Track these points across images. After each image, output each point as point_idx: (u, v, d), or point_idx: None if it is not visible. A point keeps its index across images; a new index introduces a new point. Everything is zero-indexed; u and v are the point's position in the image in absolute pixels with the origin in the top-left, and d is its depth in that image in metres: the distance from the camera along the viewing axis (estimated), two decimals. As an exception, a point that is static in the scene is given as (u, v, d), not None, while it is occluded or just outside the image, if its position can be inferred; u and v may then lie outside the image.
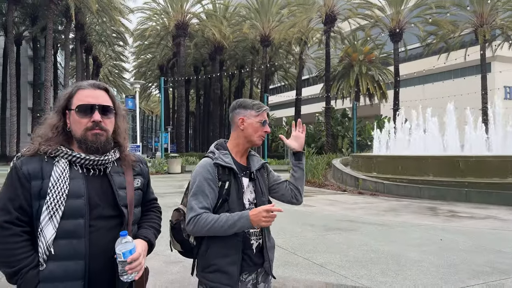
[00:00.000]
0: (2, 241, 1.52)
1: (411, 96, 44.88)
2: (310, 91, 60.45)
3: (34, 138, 1.67)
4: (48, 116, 1.71)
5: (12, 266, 1.51)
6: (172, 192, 13.85)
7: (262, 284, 2.10)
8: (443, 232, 7.31)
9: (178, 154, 32.09)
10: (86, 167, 1.63)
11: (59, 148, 1.61)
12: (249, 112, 2.10)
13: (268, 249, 2.09)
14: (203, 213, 1.91)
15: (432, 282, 4.53)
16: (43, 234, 1.51)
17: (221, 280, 1.94)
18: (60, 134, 1.65)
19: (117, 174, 1.70)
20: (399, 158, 15.44)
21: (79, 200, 1.56)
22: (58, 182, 1.54)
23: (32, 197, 1.55)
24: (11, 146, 38.39)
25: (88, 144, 1.62)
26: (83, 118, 1.63)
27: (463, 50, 40.19)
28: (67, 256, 1.52)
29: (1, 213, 1.53)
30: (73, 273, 1.53)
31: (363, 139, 38.93)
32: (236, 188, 2.02)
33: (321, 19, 38.16)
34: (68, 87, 1.73)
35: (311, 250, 5.94)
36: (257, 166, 2.15)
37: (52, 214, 1.51)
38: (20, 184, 1.55)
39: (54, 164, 1.58)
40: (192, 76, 54.48)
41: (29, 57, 55.31)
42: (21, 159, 1.60)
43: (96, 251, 1.57)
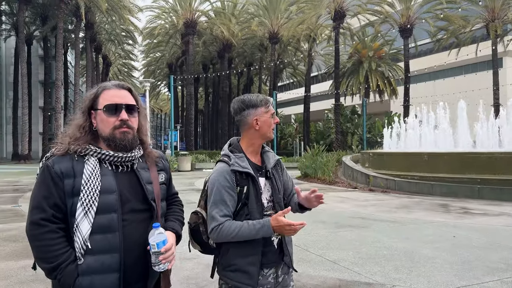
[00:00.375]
0: (39, 238, 1.57)
1: (422, 93, 44.49)
2: (319, 88, 60.21)
3: (62, 138, 1.72)
4: (74, 116, 1.77)
5: (50, 261, 1.56)
6: (184, 189, 13.92)
7: (283, 276, 2.12)
8: (456, 229, 7.27)
9: (187, 152, 32.24)
10: (114, 164, 1.69)
11: (88, 146, 1.67)
12: (260, 110, 2.08)
13: (287, 243, 2.12)
14: (225, 222, 1.94)
15: (446, 279, 4.51)
16: (79, 229, 1.56)
17: (242, 279, 1.97)
18: (88, 133, 1.70)
19: (143, 170, 1.76)
20: (410, 155, 15.35)
21: (112, 195, 1.62)
22: (91, 179, 1.59)
23: (65, 195, 1.59)
24: (23, 145, 38.86)
25: (117, 142, 1.68)
26: (111, 117, 1.69)
27: (474, 46, 39.73)
28: (103, 250, 1.58)
29: (37, 211, 1.58)
30: (109, 266, 1.59)
31: (373, 136, 38.75)
32: (255, 191, 2.03)
33: (330, 16, 37.96)
34: (92, 88, 1.78)
35: (323, 247, 5.95)
36: (272, 163, 2.14)
37: (87, 210, 1.56)
38: (53, 183, 1.59)
39: (85, 162, 1.63)
40: (201, 74, 54.57)
41: (40, 56, 55.85)
42: (52, 159, 1.64)
43: (130, 244, 1.63)
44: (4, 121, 53.61)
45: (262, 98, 2.12)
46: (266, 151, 2.19)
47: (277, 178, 2.15)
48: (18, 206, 10.03)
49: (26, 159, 38.48)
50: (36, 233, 1.58)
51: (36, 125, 55.57)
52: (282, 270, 2.11)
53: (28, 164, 36.90)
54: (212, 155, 33.54)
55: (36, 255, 1.61)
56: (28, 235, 1.60)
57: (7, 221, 8.03)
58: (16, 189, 14.18)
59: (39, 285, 4.29)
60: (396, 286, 4.29)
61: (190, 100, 43.76)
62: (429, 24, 36.46)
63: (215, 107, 60.04)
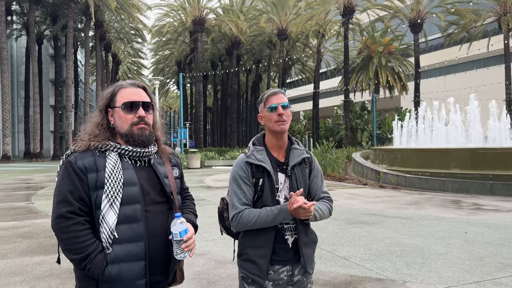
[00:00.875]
0: (68, 230, 1.63)
1: (432, 88, 44.12)
2: (328, 84, 59.99)
3: (81, 136, 1.80)
4: (92, 115, 1.85)
5: (80, 252, 1.62)
6: (194, 186, 14.01)
7: (299, 277, 2.08)
8: (468, 225, 7.22)
9: (197, 150, 32.35)
10: (133, 159, 1.78)
11: (108, 142, 1.75)
12: (261, 106, 2.13)
13: (303, 245, 2.06)
14: (245, 210, 1.98)
15: (458, 275, 4.49)
16: (105, 220, 1.64)
17: (251, 269, 2.01)
18: (106, 130, 1.79)
19: (159, 165, 1.86)
20: (421, 151, 15.24)
21: (134, 187, 1.71)
22: (113, 173, 1.68)
23: (89, 189, 1.67)
24: (34, 143, 39.32)
25: (135, 137, 1.76)
26: (129, 114, 1.77)
27: (486, 40, 39.23)
28: (129, 239, 1.67)
29: (63, 204, 1.64)
30: (136, 254, 1.68)
31: (383, 132, 38.50)
32: (270, 185, 2.02)
33: (339, 11, 37.77)
34: (108, 87, 1.87)
35: (334, 243, 5.95)
36: (296, 160, 2.09)
37: (112, 201, 1.65)
38: (77, 177, 1.66)
39: (107, 157, 1.72)
40: (210, 72, 54.70)
41: (50, 55, 56.46)
42: (74, 155, 1.72)
43: (153, 233, 1.72)
44: (16, 120, 54.30)
45: (263, 94, 2.15)
46: (295, 147, 2.14)
47: (299, 176, 2.09)
48: (31, 204, 10.18)
49: (38, 157, 38.94)
50: (63, 225, 1.63)
51: (48, 124, 56.25)
52: (299, 270, 2.08)
53: (40, 162, 37.36)
54: (221, 152, 33.61)
55: (65, 247, 1.65)
56: (55, 228, 1.65)
57: (21, 218, 8.15)
58: (28, 187, 14.38)
59: (54, 280, 4.36)
60: (407, 282, 4.28)
61: (199, 98, 43.88)
62: (439, 18, 36.07)
63: (224, 104, 60.15)
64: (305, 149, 2.18)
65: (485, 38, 39.31)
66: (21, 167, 28.87)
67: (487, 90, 37.95)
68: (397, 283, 4.27)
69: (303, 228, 2.08)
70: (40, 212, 8.87)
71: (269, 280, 2.01)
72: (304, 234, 2.08)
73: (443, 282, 4.28)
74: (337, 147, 29.50)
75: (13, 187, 14.49)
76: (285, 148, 2.14)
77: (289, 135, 2.18)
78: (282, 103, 2.07)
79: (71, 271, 4.61)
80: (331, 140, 36.65)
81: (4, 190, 13.50)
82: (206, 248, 5.46)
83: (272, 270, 2.02)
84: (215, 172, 21.61)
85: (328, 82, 61.25)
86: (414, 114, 20.21)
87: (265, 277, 1.99)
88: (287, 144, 2.14)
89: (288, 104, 2.10)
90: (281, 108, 2.06)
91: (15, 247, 5.83)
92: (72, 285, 4.20)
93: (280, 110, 2.05)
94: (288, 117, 2.09)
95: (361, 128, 39.67)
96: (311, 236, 2.14)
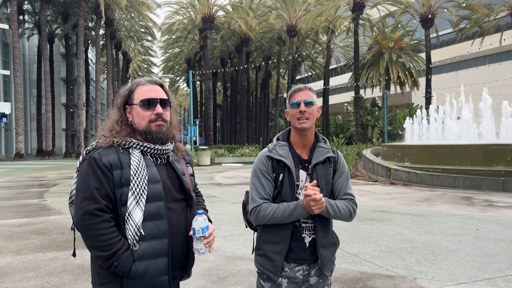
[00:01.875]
0: (95, 228, 1.62)
1: (444, 84, 43.64)
2: (338, 80, 59.66)
3: (102, 132, 1.80)
4: (110, 112, 1.87)
5: (107, 249, 1.62)
6: (204, 183, 14.07)
7: (316, 278, 2.05)
8: (480, 222, 7.15)
9: (207, 147, 32.46)
10: (154, 156, 1.80)
11: (131, 139, 1.76)
12: (287, 103, 2.11)
13: (321, 246, 2.02)
14: (263, 204, 1.97)
15: (469, 272, 4.46)
16: (131, 217, 1.65)
17: (266, 265, 2.00)
18: (126, 127, 1.80)
19: (176, 162, 1.89)
20: (432, 147, 15.10)
21: (158, 184, 1.73)
22: (138, 170, 1.69)
23: (114, 186, 1.68)
24: (47, 141, 39.82)
25: (153, 134, 1.77)
26: (147, 111, 1.78)
27: (498, 34, 38.64)
28: (154, 236, 1.69)
29: (90, 201, 1.64)
30: (161, 250, 1.71)
31: (393, 128, 38.21)
32: (290, 181, 1.99)
33: (349, 7, 37.50)
34: (126, 84, 1.89)
35: (344, 240, 5.94)
36: (320, 159, 2.03)
37: (138, 198, 1.66)
38: (103, 174, 1.66)
39: (130, 154, 1.73)
40: (219, 69, 54.73)
41: (62, 54, 57.01)
42: (98, 151, 1.71)
43: (175, 230, 1.76)
44: (28, 118, 54.99)
45: (292, 89, 2.12)
46: (320, 146, 2.09)
47: (321, 175, 2.03)
48: (44, 201, 10.32)
49: (50, 155, 39.44)
50: (91, 222, 1.62)
51: (59, 122, 56.88)
52: (316, 271, 2.05)
53: (52, 159, 37.83)
54: (231, 150, 33.68)
55: (91, 244, 1.65)
56: (81, 225, 1.65)
57: (34, 215, 8.28)
58: (41, 184, 14.58)
59: (67, 276, 4.43)
60: (417, 279, 4.26)
61: (209, 95, 43.97)
62: (451, 13, 35.62)
63: (234, 102, 60.16)
64: (332, 147, 2.13)
65: (497, 32, 38.71)
66: (33, 164, 29.28)
67: (499, 85, 37.39)
68: (407, 279, 4.26)
69: (322, 229, 2.03)
70: (52, 209, 9.00)
71: (284, 278, 1.99)
72: (323, 235, 2.03)
73: (454, 279, 4.26)
74: (347, 144, 29.37)
75: (26, 184, 14.71)
76: (309, 145, 2.09)
77: (317, 133, 2.14)
78: (305, 99, 2.03)
79: (83, 267, 4.68)
80: (341, 136, 36.50)
81: (17, 187, 13.71)
82: (216, 244, 5.51)
83: (288, 268, 2.00)
84: (225, 169, 21.68)
85: (338, 79, 60.91)
86: (425, 110, 20.01)
87: (279, 274, 1.97)
88: (313, 142, 2.10)
89: (312, 101, 2.04)
90: (304, 105, 2.02)
91: (29, 244, 5.93)
92: (85, 281, 4.26)
93: (302, 107, 2.01)
94: (312, 114, 2.03)
95: (372, 125, 39.43)
96: (331, 238, 2.10)
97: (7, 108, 36.63)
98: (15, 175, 19.18)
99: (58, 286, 4.15)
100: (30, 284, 4.20)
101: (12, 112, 39.08)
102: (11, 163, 31.28)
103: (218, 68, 55.43)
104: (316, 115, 2.08)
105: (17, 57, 35.50)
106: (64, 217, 7.98)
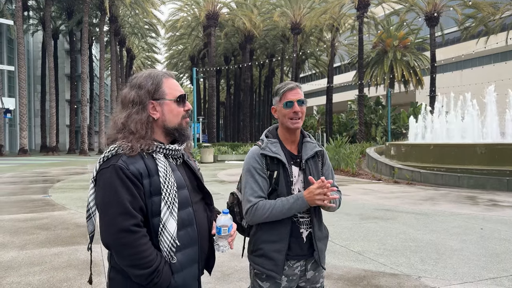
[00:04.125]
0: (133, 245, 1.46)
1: (449, 82, 43.47)
2: (342, 78, 59.52)
3: (126, 136, 1.58)
4: (131, 111, 1.61)
5: (147, 266, 1.47)
6: (208, 181, 14.08)
7: (312, 272, 2.07)
8: (484, 222, 7.13)
9: (210, 144, 32.49)
10: (175, 157, 1.69)
11: (154, 143, 1.59)
12: (276, 99, 2.08)
13: (317, 239, 2.04)
14: (259, 202, 1.95)
15: (474, 271, 4.44)
16: (166, 229, 1.52)
17: (267, 265, 1.98)
18: (150, 128, 1.62)
19: (190, 161, 1.79)
20: (436, 146, 15.05)
21: (185, 190, 1.63)
22: (167, 177, 1.55)
23: (145, 196, 1.52)
24: (50, 137, 39.95)
25: (184, 131, 1.69)
26: (181, 107, 1.68)
27: (504, 33, 38.43)
28: (187, 244, 1.60)
29: (126, 217, 1.46)
30: (193, 258, 1.63)
31: (397, 127, 38.07)
32: (285, 178, 1.99)
33: (353, 5, 37.35)
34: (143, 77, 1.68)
35: (348, 238, 5.93)
36: (309, 154, 2.06)
37: (171, 208, 1.53)
38: (133, 185, 1.49)
39: (156, 159, 1.58)
40: (223, 66, 54.70)
41: (66, 50, 57.17)
42: (123, 159, 1.51)
43: (202, 233, 1.68)
44: (32, 114, 55.19)
45: (278, 87, 2.10)
46: (307, 141, 2.12)
47: (313, 170, 2.06)
48: (49, 196, 10.37)
49: (54, 151, 39.59)
50: (129, 240, 1.45)
51: (63, 118, 57.09)
52: (312, 265, 2.06)
53: (56, 155, 37.99)
54: (234, 147, 33.70)
55: (130, 263, 1.47)
56: (117, 243, 1.46)
57: (39, 211, 8.31)
58: (45, 180, 14.64)
59: (72, 271, 4.45)
60: (422, 278, 4.25)
61: (212, 92, 43.98)
62: (456, 11, 35.42)
63: (237, 99, 60.17)
64: (317, 142, 2.15)
65: (503, 31, 38.49)
66: (37, 160, 29.40)
67: (504, 84, 37.19)
68: (412, 278, 4.25)
69: (317, 222, 2.06)
70: (57, 205, 9.04)
71: (284, 276, 1.99)
72: (318, 228, 2.06)
73: (459, 278, 4.25)
74: (351, 142, 29.31)
75: (30, 180, 14.77)
76: (297, 141, 2.11)
77: (303, 131, 2.16)
78: (298, 99, 2.02)
79: (88, 262, 4.70)
80: (344, 135, 36.43)
81: (22, 183, 13.77)
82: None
83: (287, 266, 2.00)
84: (228, 167, 21.70)
85: (342, 77, 60.77)
86: (429, 109, 19.93)
87: (281, 272, 1.97)
88: (300, 138, 2.12)
89: (304, 100, 2.05)
90: (297, 106, 2.01)
91: (34, 238, 5.96)
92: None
93: (297, 108, 2.00)
94: (304, 113, 2.05)
95: (376, 123, 39.30)
96: (324, 231, 2.12)
97: (12, 104, 36.81)
98: (19, 170, 19.26)
99: (63, 281, 4.17)
100: (36, 279, 4.22)
101: (16, 107, 39.21)
102: (15, 159, 31.42)
103: (221, 66, 55.41)
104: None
105: (21, 53, 35.60)
106: (68, 213, 8.02)
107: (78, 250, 5.32)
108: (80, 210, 8.22)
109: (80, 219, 7.40)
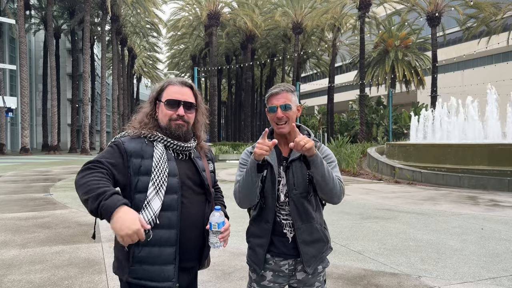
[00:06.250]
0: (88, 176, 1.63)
1: (450, 83, 43.42)
2: (343, 78, 59.50)
3: (133, 123, 1.95)
4: (143, 105, 2.01)
5: (97, 189, 1.57)
6: (207, 180, 14.09)
7: (302, 273, 2.06)
8: (485, 222, 7.13)
9: (211, 144, 32.52)
10: (176, 151, 1.91)
11: (156, 133, 1.88)
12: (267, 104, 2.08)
13: (303, 242, 2.01)
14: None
15: (474, 271, 4.45)
16: (150, 206, 1.74)
17: (252, 257, 2.10)
18: (153, 120, 1.94)
19: (198, 159, 1.99)
20: (437, 146, 15.05)
21: (175, 178, 1.83)
22: (160, 162, 1.80)
23: (132, 172, 1.79)
24: (52, 136, 39.99)
25: (172, 131, 1.90)
26: (169, 110, 1.90)
27: (506, 34, 38.39)
28: (163, 225, 1.76)
29: (95, 163, 1.71)
30: (167, 240, 1.77)
31: (399, 127, 38.08)
32: (271, 177, 2.00)
33: (355, 4, 37.34)
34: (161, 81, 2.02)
35: (348, 238, 5.95)
36: (296, 155, 1.99)
37: (158, 189, 1.76)
38: (119, 155, 1.78)
39: (154, 146, 1.85)
40: (224, 66, 54.71)
41: (68, 49, 57.20)
42: (124, 138, 1.85)
43: (188, 222, 1.84)
44: (34, 113, 55.28)
45: (269, 90, 2.09)
46: None
47: (297, 172, 2.00)
48: (50, 195, 10.39)
49: (56, 150, 39.62)
50: (85, 173, 1.65)
51: (65, 117, 57.15)
52: (302, 267, 2.05)
53: (57, 154, 38.03)
54: (235, 147, 33.71)
55: (83, 191, 1.59)
56: (77, 178, 1.65)
57: (40, 209, 8.34)
58: (47, 179, 14.67)
59: (73, 269, 4.47)
60: (422, 277, 4.26)
61: (213, 92, 43.99)
62: (458, 12, 35.38)
63: (238, 99, 60.18)
64: (316, 140, 2.07)
65: (505, 32, 38.45)
66: (39, 159, 29.44)
67: (506, 85, 37.16)
68: (412, 278, 4.26)
69: (303, 225, 2.01)
70: (58, 203, 9.06)
71: (268, 270, 2.06)
72: (305, 231, 2.01)
73: (459, 277, 4.26)
74: (352, 142, 29.31)
75: (32, 178, 14.81)
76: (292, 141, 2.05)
77: (301, 127, 2.13)
78: (281, 104, 1.98)
79: (89, 260, 4.73)
80: (346, 135, 36.46)
81: (23, 181, 13.81)
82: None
83: (273, 261, 2.06)
84: (229, 166, 21.71)
85: (344, 77, 60.76)
86: (430, 109, 19.91)
87: (262, 266, 2.05)
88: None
89: (289, 105, 1.99)
90: (280, 112, 1.98)
91: (35, 237, 5.98)
92: (91, 274, 4.31)
93: (279, 113, 1.98)
94: (291, 117, 2.00)
95: (377, 123, 39.30)
96: (316, 234, 2.04)
97: (13, 103, 36.83)
98: (21, 169, 19.30)
99: (64, 278, 4.19)
100: (37, 277, 4.24)
101: (18, 106, 39.27)
102: (17, 158, 31.48)
103: (223, 65, 55.43)
104: (297, 115, 2.06)
105: (23, 52, 35.63)
106: (70, 211, 8.04)
107: (79, 248, 5.34)
108: (81, 209, 8.24)
109: (82, 217, 7.43)
